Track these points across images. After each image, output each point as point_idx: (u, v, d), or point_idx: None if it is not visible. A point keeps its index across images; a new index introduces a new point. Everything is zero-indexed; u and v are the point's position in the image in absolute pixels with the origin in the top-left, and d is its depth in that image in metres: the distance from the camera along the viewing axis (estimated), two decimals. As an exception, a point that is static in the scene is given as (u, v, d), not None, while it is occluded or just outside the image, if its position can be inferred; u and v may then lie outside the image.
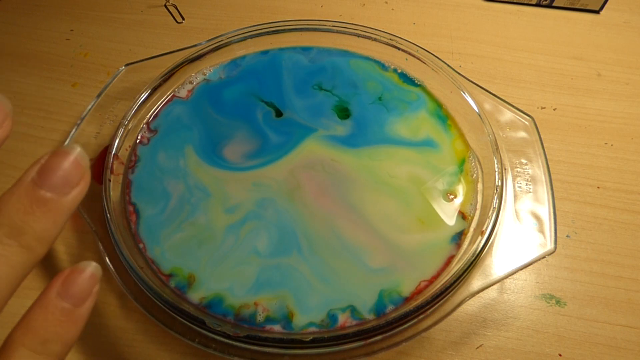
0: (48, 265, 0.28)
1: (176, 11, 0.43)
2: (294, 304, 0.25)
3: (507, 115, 0.31)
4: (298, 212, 0.28)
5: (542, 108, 0.36)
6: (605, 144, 0.34)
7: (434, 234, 0.27)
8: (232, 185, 0.29)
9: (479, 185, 0.29)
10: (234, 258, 0.26)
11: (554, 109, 0.36)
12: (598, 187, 0.30)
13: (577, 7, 0.43)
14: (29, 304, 0.26)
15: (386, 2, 0.44)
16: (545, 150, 0.29)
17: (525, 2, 0.44)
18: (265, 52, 0.36)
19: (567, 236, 0.29)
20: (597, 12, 0.44)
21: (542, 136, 0.29)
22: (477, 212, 0.28)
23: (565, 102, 0.36)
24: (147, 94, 0.32)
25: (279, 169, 0.30)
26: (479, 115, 0.30)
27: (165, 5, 0.43)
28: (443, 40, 0.41)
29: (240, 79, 0.35)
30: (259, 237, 0.27)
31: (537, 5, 0.44)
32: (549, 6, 0.44)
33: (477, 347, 0.25)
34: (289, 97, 0.34)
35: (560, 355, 0.25)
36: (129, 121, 0.31)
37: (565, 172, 0.32)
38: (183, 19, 0.42)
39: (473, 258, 0.24)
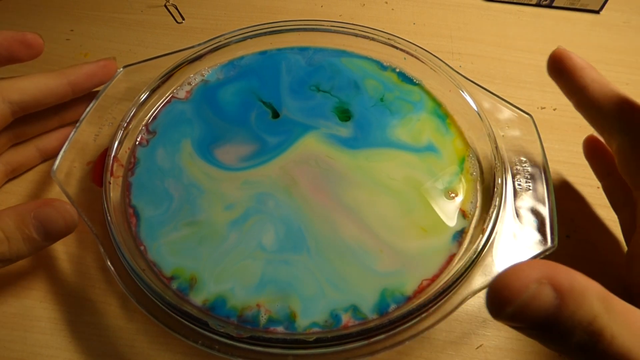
0: (48, 266, 0.27)
1: (176, 11, 0.43)
2: (298, 304, 0.25)
3: (506, 113, 0.31)
4: (299, 207, 0.28)
5: (542, 108, 0.36)
6: (605, 143, 0.34)
7: (435, 233, 0.27)
8: (227, 184, 0.29)
9: (479, 184, 0.29)
10: (237, 254, 0.26)
11: (554, 109, 0.36)
12: (598, 187, 0.30)
13: (577, 7, 0.43)
14: (30, 304, 0.26)
15: (386, 2, 0.44)
16: (545, 150, 0.29)
17: (525, 2, 0.44)
18: (263, 53, 0.36)
19: (567, 236, 0.29)
20: (597, 12, 0.44)
21: (542, 136, 0.29)
22: (477, 211, 0.28)
23: (566, 102, 0.36)
24: (146, 95, 0.32)
25: (273, 167, 0.30)
26: (478, 114, 0.30)
27: (165, 5, 0.43)
28: (443, 40, 0.41)
29: (239, 80, 0.35)
30: (264, 232, 0.27)
31: (537, 5, 0.44)
32: (549, 6, 0.44)
33: (477, 347, 0.25)
34: (288, 99, 0.34)
35: (560, 355, 0.25)
36: (128, 123, 0.30)
37: (566, 172, 0.32)
38: (183, 19, 0.42)
39: (474, 256, 0.24)
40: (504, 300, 0.16)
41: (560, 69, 0.27)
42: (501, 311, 0.16)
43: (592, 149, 0.30)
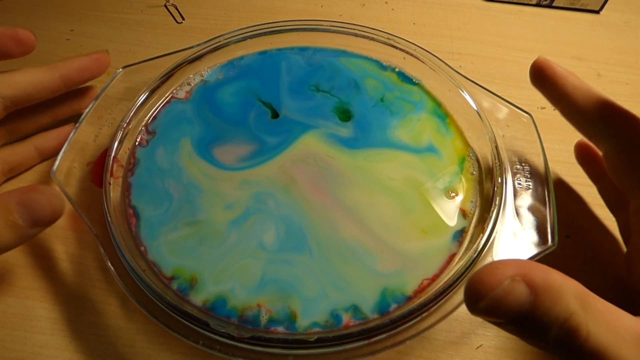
0: (48, 266, 0.27)
1: (176, 11, 0.43)
2: (298, 304, 0.25)
3: (506, 112, 0.31)
4: (299, 206, 0.28)
5: (542, 108, 0.36)
6: (605, 143, 0.34)
7: (436, 233, 0.27)
8: (226, 184, 0.29)
9: (479, 183, 0.29)
10: (237, 254, 0.26)
11: (554, 109, 0.36)
12: (598, 187, 0.30)
13: (577, 7, 0.43)
14: (30, 304, 0.26)
15: (386, 2, 0.44)
16: (545, 150, 0.29)
17: (525, 2, 0.44)
18: (263, 53, 0.36)
19: (567, 236, 0.29)
20: (597, 12, 0.44)
21: (542, 136, 0.29)
22: (478, 210, 0.28)
23: (565, 101, 0.36)
24: (145, 95, 0.32)
25: (271, 166, 0.30)
26: (478, 114, 0.30)
27: (165, 5, 0.43)
28: (443, 40, 0.41)
29: (238, 80, 0.35)
30: (264, 231, 0.27)
31: (537, 5, 0.44)
32: (549, 6, 0.44)
33: (477, 347, 0.25)
34: (287, 99, 0.34)
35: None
36: (127, 123, 0.30)
37: (565, 172, 0.32)
38: (183, 19, 0.42)
39: (474, 256, 0.24)
40: (477, 295, 0.17)
41: (542, 78, 0.28)
42: (475, 306, 0.17)
43: (583, 154, 0.30)
